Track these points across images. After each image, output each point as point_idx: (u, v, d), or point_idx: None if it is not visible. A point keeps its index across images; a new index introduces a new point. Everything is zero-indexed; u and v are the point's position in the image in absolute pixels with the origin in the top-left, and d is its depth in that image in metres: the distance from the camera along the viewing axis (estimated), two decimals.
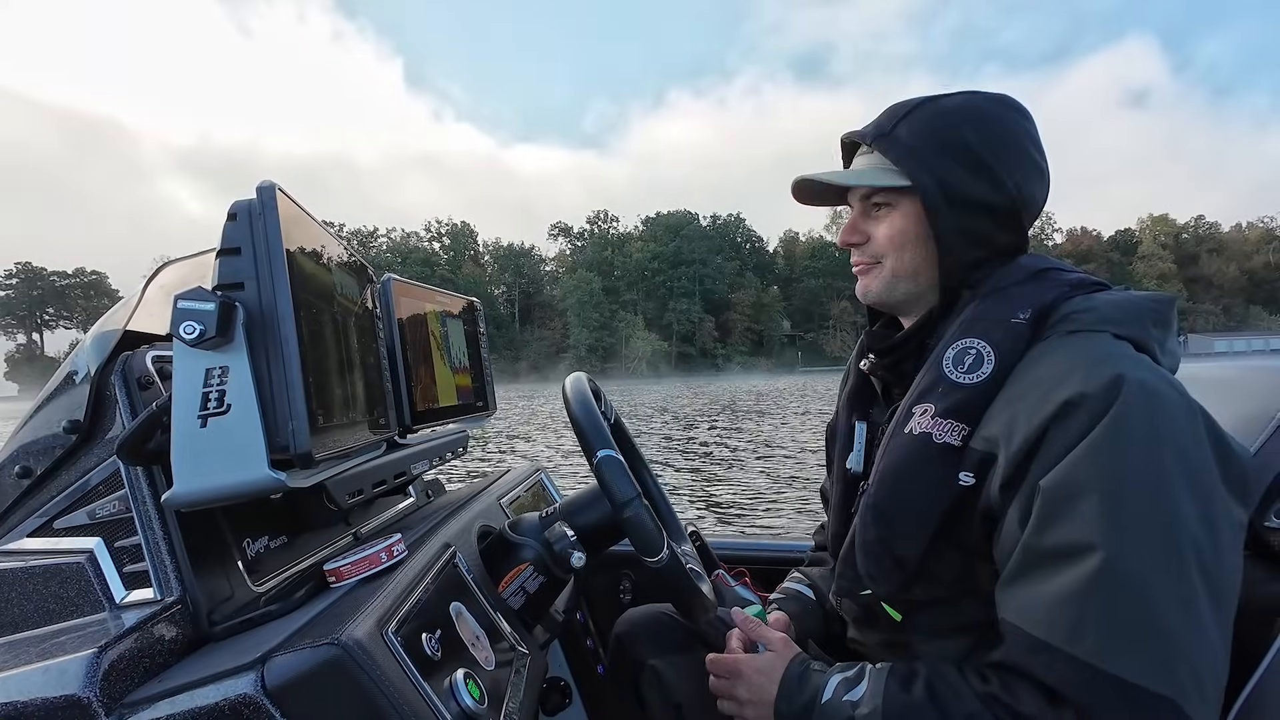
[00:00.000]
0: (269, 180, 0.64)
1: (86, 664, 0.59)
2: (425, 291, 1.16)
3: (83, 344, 0.80)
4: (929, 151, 0.72)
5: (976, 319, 0.71)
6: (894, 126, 0.75)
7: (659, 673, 1.03)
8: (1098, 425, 0.59)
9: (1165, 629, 0.55)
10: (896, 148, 0.74)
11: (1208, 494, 0.58)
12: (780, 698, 0.76)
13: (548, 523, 0.94)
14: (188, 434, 0.60)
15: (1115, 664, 0.55)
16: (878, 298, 0.81)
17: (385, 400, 0.92)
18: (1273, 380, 0.86)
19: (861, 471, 0.85)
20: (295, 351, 0.61)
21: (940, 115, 0.74)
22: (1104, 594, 0.56)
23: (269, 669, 0.57)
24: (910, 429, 0.71)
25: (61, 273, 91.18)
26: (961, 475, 0.67)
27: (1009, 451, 0.63)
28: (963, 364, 0.69)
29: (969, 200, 0.72)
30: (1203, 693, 0.56)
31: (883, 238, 0.78)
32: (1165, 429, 0.59)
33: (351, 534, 1.03)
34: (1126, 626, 0.56)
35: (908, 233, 0.76)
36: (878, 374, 0.85)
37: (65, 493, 0.76)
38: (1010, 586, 0.64)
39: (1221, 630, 0.57)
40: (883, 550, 0.73)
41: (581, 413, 0.86)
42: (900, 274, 0.78)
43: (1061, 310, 0.69)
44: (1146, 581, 0.56)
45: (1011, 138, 0.74)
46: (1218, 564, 0.57)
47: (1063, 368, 0.64)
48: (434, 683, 0.63)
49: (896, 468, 0.72)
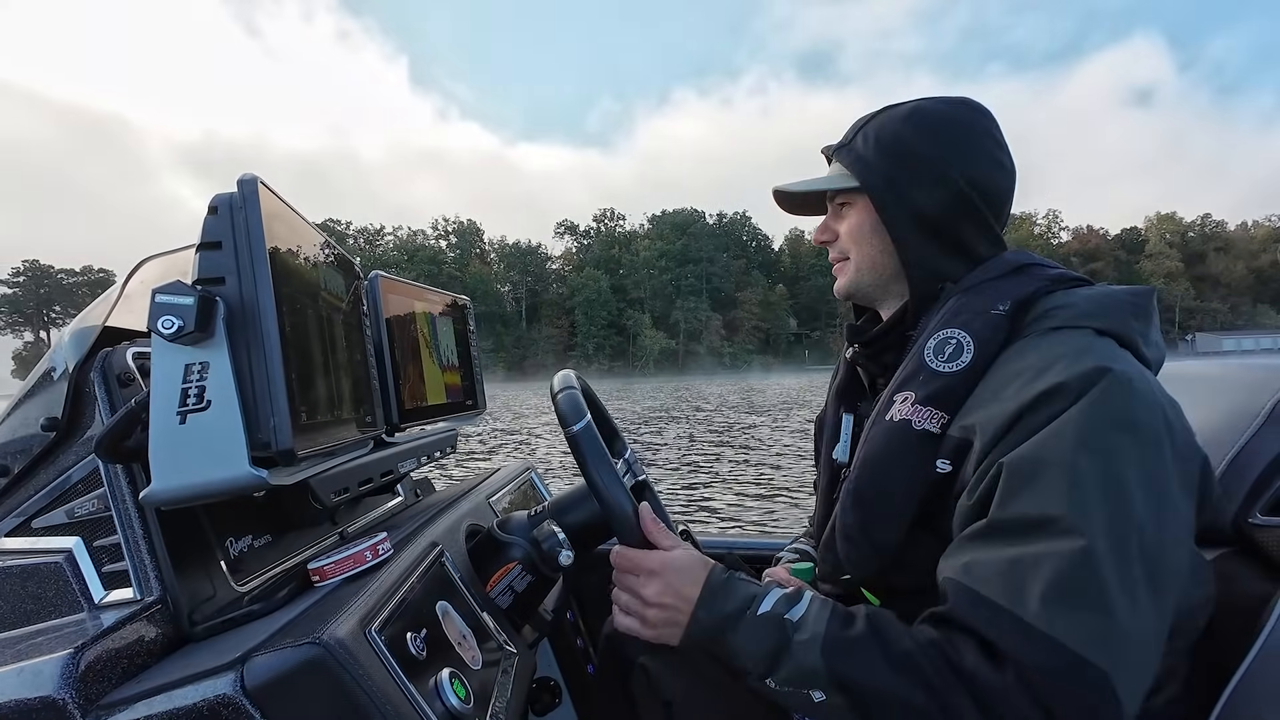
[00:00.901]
0: (250, 173, 0.63)
1: (62, 665, 0.58)
2: (414, 289, 1.15)
3: (61, 340, 0.79)
4: (876, 154, 0.80)
5: (958, 311, 0.74)
6: (852, 138, 0.84)
7: (649, 671, 1.03)
8: (1069, 409, 0.62)
9: (1107, 604, 0.57)
10: (850, 154, 0.83)
11: (1161, 488, 0.61)
12: (701, 602, 0.72)
13: (536, 521, 0.93)
14: (166, 431, 0.59)
15: (1057, 628, 0.57)
16: (847, 290, 0.88)
17: (372, 398, 0.91)
18: (1257, 377, 0.86)
19: (846, 461, 0.87)
20: (277, 347, 0.60)
21: (889, 120, 0.81)
22: (1052, 564, 0.58)
23: (249, 669, 0.56)
24: (891, 416, 0.73)
25: (69, 270, 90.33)
26: (939, 463, 0.69)
27: (984, 439, 0.65)
28: (943, 353, 0.72)
29: (914, 192, 0.78)
30: (1133, 672, 0.58)
31: (844, 233, 0.86)
32: (1131, 419, 0.61)
33: (338, 533, 1.02)
34: (1071, 596, 0.57)
35: (863, 226, 0.83)
36: (861, 364, 0.89)
37: (43, 491, 0.75)
38: (960, 550, 0.65)
39: (1159, 617, 0.59)
40: (861, 535, 0.74)
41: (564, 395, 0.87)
42: (863, 266, 0.85)
43: (1042, 305, 0.72)
44: (1095, 558, 0.57)
45: (961, 134, 0.78)
46: (1160, 554, 0.59)
47: (1044, 361, 0.66)
48: (418, 682, 0.62)
49: (877, 454, 0.73)
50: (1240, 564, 0.77)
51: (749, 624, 0.69)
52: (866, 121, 0.84)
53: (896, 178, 0.78)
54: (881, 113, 0.83)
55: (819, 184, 0.87)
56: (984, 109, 0.82)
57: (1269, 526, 0.76)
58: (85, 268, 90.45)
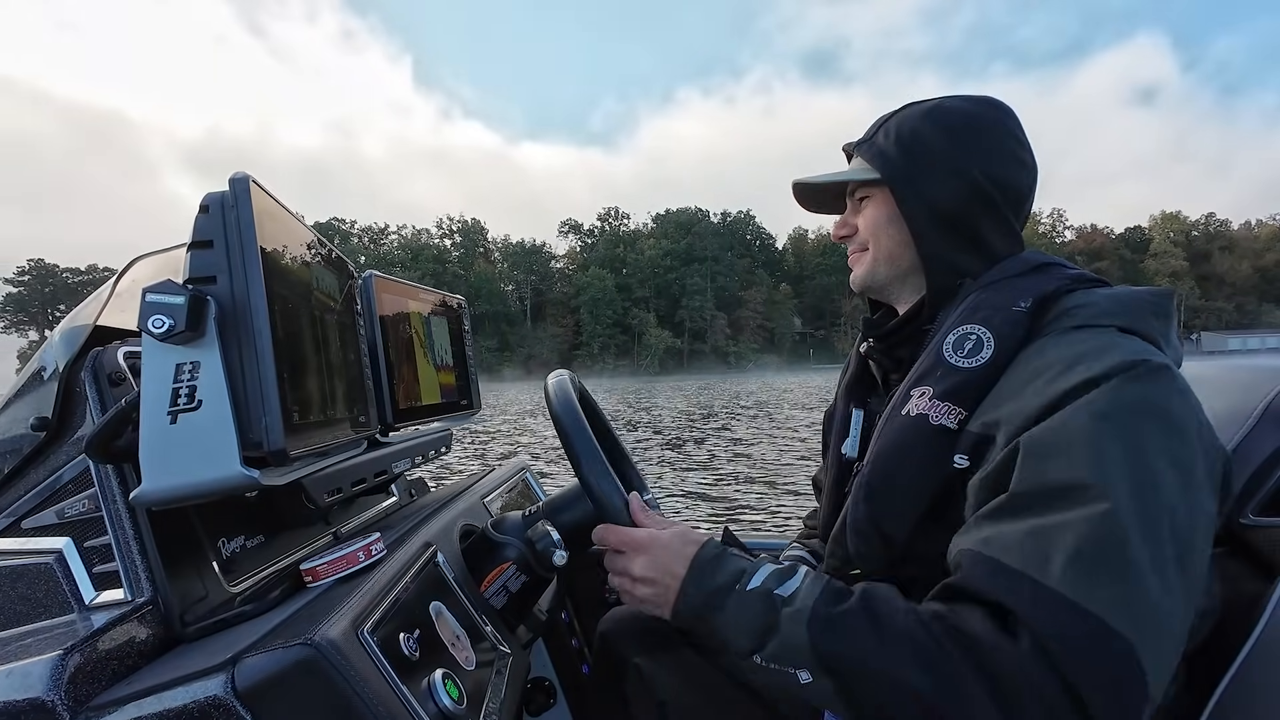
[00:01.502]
0: (242, 172, 0.62)
1: (51, 666, 0.58)
2: (408, 289, 1.14)
3: (51, 339, 0.78)
4: (896, 148, 0.81)
5: (978, 307, 0.73)
6: (874, 134, 0.84)
7: (643, 671, 1.03)
8: (1093, 390, 0.60)
9: (1135, 574, 0.54)
10: (871, 149, 0.83)
11: (1189, 476, 0.58)
12: (690, 578, 0.71)
13: (530, 521, 0.93)
14: (157, 431, 0.58)
15: (1080, 593, 0.54)
16: (864, 282, 0.88)
17: (366, 398, 0.91)
18: (1250, 378, 0.86)
19: (856, 456, 0.86)
20: (269, 346, 0.60)
21: (909, 117, 0.82)
22: (1078, 530, 0.56)
23: (239, 670, 0.56)
24: (907, 410, 0.72)
25: (74, 269, 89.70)
26: (956, 458, 0.67)
27: (1009, 434, 0.63)
28: (962, 349, 0.71)
29: (933, 186, 0.78)
30: (1159, 644, 0.54)
31: (863, 224, 0.86)
32: (1163, 405, 0.60)
33: (331, 533, 1.02)
34: (1097, 564, 0.54)
35: (880, 217, 0.84)
36: (874, 358, 0.89)
37: (33, 491, 0.75)
38: (976, 526, 0.62)
39: (1186, 598, 0.56)
40: (872, 528, 0.73)
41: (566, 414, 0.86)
42: (880, 258, 0.85)
43: (1063, 304, 0.71)
44: (1124, 527, 0.55)
45: (981, 131, 0.79)
46: (1191, 538, 0.57)
47: (1068, 358, 0.64)
48: (411, 683, 0.62)
49: (891, 447, 0.72)
50: (1232, 563, 0.78)
51: (738, 598, 0.67)
52: (888, 118, 0.84)
53: (915, 172, 0.79)
54: (903, 109, 0.84)
55: (840, 176, 0.88)
56: (1006, 107, 0.82)
57: (1260, 526, 0.76)
58: (90, 266, 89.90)
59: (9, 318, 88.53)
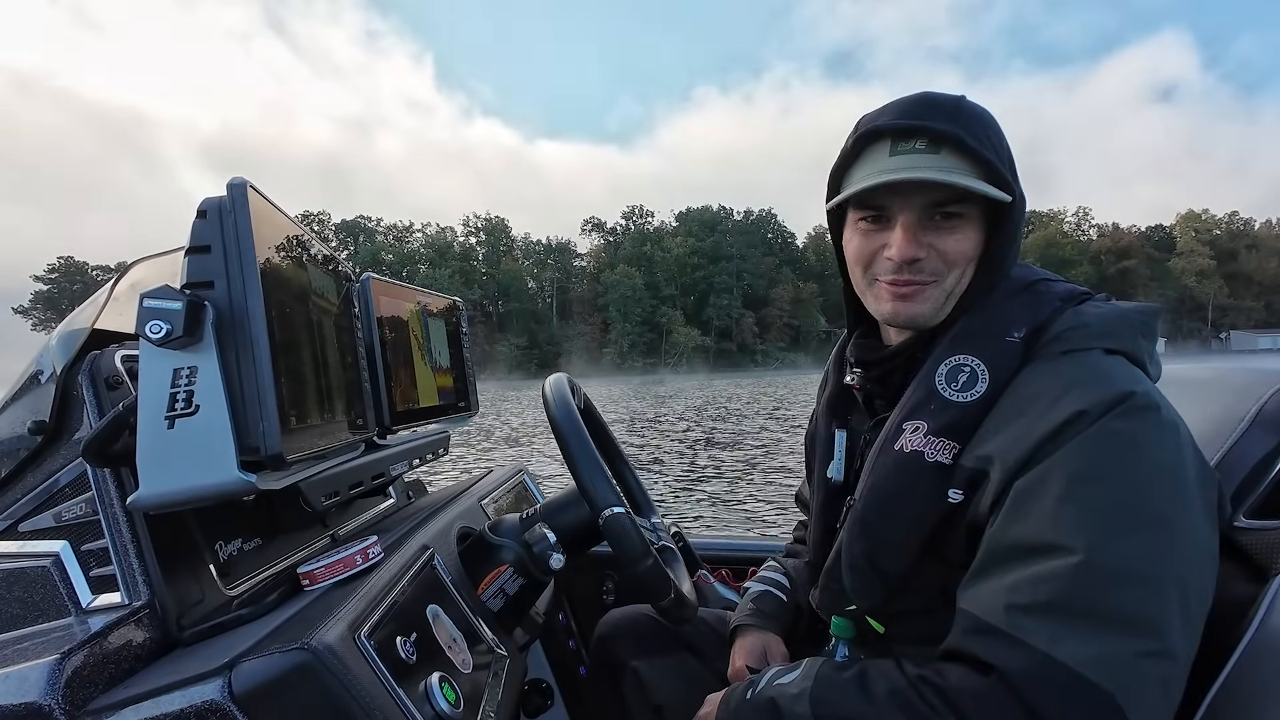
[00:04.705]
0: (240, 177, 0.62)
1: (48, 670, 0.58)
2: (406, 291, 1.14)
3: (48, 342, 0.78)
4: (999, 156, 0.68)
5: (970, 334, 0.71)
6: (964, 131, 0.67)
7: (640, 674, 1.03)
8: (1085, 433, 0.60)
9: (1122, 626, 0.55)
10: (982, 151, 0.66)
11: (1184, 510, 0.59)
12: (722, 703, 0.79)
13: (528, 524, 0.93)
14: (154, 435, 0.58)
15: (1059, 649, 0.55)
16: (928, 321, 0.73)
17: (363, 401, 0.91)
18: (1244, 381, 0.87)
19: (842, 481, 0.84)
20: (266, 351, 0.60)
21: (988, 120, 0.70)
22: (1059, 583, 0.57)
23: (236, 674, 0.56)
24: (900, 446, 0.70)
25: (103, 267, 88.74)
26: (951, 492, 0.67)
27: (1004, 469, 0.63)
28: (956, 381, 0.69)
29: (1013, 212, 0.71)
30: (1145, 698, 0.55)
31: (954, 252, 0.70)
32: (1153, 440, 0.60)
33: (329, 536, 1.02)
34: (1079, 618, 0.56)
35: (972, 245, 0.70)
36: (866, 387, 0.83)
37: (30, 495, 0.75)
38: (973, 580, 0.64)
39: (1186, 641, 0.57)
40: (867, 564, 0.72)
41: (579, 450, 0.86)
42: (954, 294, 0.72)
43: (1053, 329, 0.69)
44: (1114, 577, 0.56)
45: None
46: (1189, 577, 0.58)
47: (1059, 387, 0.63)
48: (408, 687, 0.62)
49: (886, 485, 0.71)
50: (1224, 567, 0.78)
51: (753, 702, 0.73)
52: (958, 110, 0.68)
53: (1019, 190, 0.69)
54: (962, 102, 0.69)
55: (973, 185, 0.66)
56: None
57: (1253, 529, 0.77)
58: (120, 264, 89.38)
59: (39, 315, 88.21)
